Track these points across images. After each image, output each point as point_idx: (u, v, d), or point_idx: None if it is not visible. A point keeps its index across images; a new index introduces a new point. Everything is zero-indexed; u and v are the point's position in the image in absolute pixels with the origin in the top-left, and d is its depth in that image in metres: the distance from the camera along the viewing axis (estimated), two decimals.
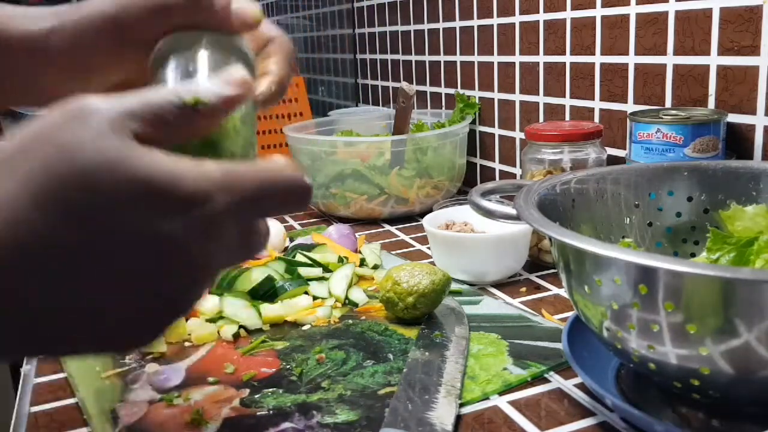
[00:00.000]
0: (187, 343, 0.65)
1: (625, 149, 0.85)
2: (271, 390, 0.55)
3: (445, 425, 0.47)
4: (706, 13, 0.73)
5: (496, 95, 1.12)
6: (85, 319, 0.29)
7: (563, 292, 0.72)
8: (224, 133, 0.34)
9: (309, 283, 0.73)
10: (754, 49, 0.68)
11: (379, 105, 1.58)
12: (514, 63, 1.06)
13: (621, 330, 0.43)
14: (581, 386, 0.53)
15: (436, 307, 0.66)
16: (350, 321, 0.68)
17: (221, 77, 0.32)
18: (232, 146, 0.34)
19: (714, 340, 0.38)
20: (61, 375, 0.60)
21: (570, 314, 0.64)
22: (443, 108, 1.29)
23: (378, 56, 1.54)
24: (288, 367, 0.59)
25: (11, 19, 0.41)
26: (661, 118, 0.70)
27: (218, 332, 0.65)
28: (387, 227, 1.02)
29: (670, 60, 0.78)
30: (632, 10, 0.82)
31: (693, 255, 0.57)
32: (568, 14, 0.92)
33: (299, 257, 0.78)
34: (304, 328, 0.67)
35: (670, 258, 0.38)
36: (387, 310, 0.67)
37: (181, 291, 0.31)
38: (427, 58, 1.33)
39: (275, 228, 0.87)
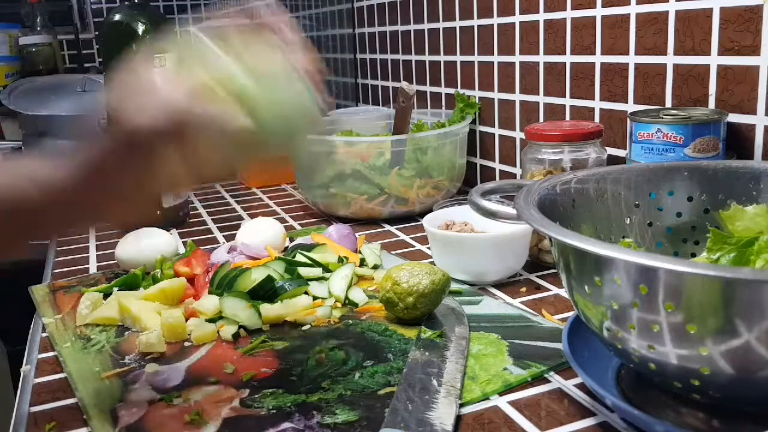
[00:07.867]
0: (187, 343, 0.65)
1: (625, 149, 0.85)
2: (271, 390, 0.55)
3: (445, 425, 0.47)
4: (706, 13, 0.73)
5: (496, 95, 1.12)
6: None
7: (563, 292, 0.72)
8: None
9: (309, 283, 0.73)
10: (754, 49, 0.68)
11: (379, 105, 1.58)
12: (514, 63, 1.06)
13: (621, 330, 0.43)
14: (581, 386, 0.53)
15: (436, 307, 0.66)
16: (350, 321, 0.68)
17: None
18: None
19: (714, 340, 0.38)
20: (61, 375, 0.60)
21: (570, 314, 0.64)
22: (443, 108, 1.29)
23: (378, 56, 1.54)
24: (288, 367, 0.59)
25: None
26: (662, 118, 0.70)
27: (218, 332, 0.65)
28: (387, 227, 1.02)
29: (670, 60, 0.78)
30: (632, 10, 0.82)
31: (693, 255, 0.57)
32: (568, 14, 0.92)
33: (299, 257, 0.78)
34: (304, 328, 0.67)
35: (670, 258, 0.38)
36: (387, 310, 0.67)
37: None
38: (427, 58, 1.33)
39: (275, 228, 0.87)
